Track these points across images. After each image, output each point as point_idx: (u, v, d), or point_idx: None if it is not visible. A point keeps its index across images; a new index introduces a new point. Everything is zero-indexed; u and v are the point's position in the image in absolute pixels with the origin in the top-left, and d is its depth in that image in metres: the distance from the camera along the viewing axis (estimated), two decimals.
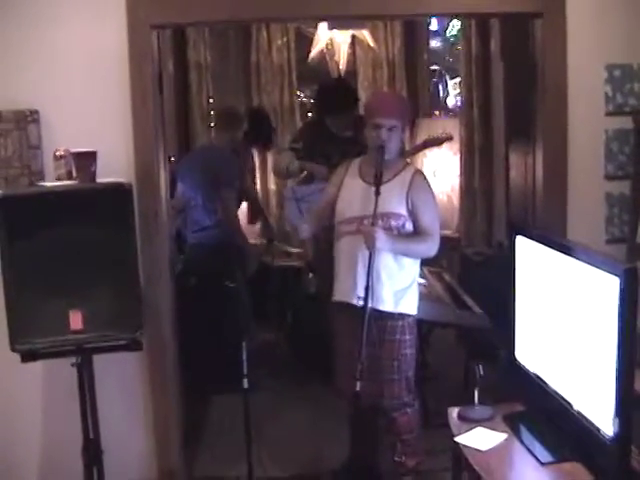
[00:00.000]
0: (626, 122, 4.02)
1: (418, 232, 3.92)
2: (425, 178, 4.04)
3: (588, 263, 2.77)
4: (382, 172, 3.80)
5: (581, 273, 2.81)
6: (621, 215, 4.11)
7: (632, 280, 2.55)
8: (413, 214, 3.90)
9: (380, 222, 3.81)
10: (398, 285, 3.91)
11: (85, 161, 3.57)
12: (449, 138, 6.34)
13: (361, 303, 3.73)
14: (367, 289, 3.70)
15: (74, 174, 3.63)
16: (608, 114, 4.08)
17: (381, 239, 3.73)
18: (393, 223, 3.87)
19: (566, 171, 4.06)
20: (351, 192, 4.00)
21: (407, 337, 3.97)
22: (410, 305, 3.98)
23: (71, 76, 3.93)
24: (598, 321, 2.69)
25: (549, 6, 3.95)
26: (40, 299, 3.38)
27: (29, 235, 3.36)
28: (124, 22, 3.89)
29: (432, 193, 4.05)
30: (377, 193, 3.75)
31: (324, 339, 4.37)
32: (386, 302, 3.89)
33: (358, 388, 3.63)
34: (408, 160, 4.87)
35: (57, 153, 3.72)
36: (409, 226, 3.90)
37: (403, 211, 3.89)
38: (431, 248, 3.93)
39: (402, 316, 3.94)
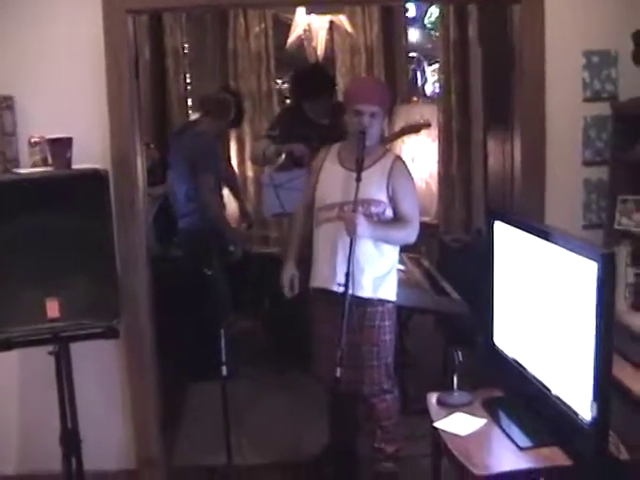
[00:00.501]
0: (604, 108, 4.03)
1: (398, 219, 3.91)
2: (405, 165, 4.03)
3: (566, 248, 2.78)
4: (363, 158, 3.79)
5: (559, 258, 2.82)
6: (599, 201, 4.12)
7: (609, 265, 2.56)
8: (393, 200, 3.89)
9: (360, 208, 3.79)
10: (377, 271, 3.90)
11: (60, 148, 3.54)
12: (427, 125, 6.32)
13: (342, 290, 3.72)
14: (347, 275, 3.69)
15: (49, 161, 3.61)
16: (586, 100, 4.08)
17: (362, 225, 3.72)
18: (373, 210, 3.86)
19: (544, 157, 4.06)
20: (331, 178, 3.98)
21: (386, 323, 3.96)
22: (389, 291, 3.98)
23: (46, 62, 3.90)
24: (576, 306, 2.70)
25: None
26: (16, 287, 3.36)
27: (4, 223, 3.33)
28: (99, 7, 3.86)
29: (412, 180, 4.04)
30: (358, 179, 3.74)
31: (302, 326, 4.36)
32: (365, 288, 3.88)
33: (339, 374, 3.63)
34: (387, 147, 4.85)
35: (32, 140, 3.69)
36: (389, 212, 3.89)
37: (383, 197, 3.88)
38: (411, 234, 3.93)
39: (381, 302, 3.94)
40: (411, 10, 8.27)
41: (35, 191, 3.38)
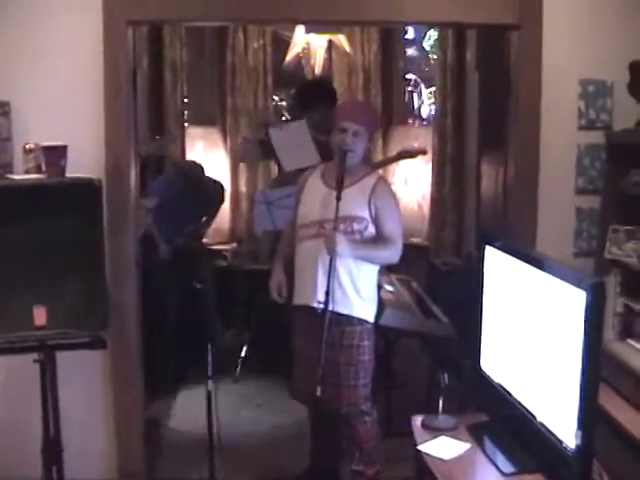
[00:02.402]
0: (598, 137, 4.05)
1: (381, 238, 3.90)
2: (388, 185, 4.05)
3: (555, 276, 2.78)
4: (344, 176, 3.79)
5: (548, 286, 2.82)
6: (590, 229, 4.14)
7: (598, 294, 2.57)
8: (376, 220, 3.89)
9: (342, 225, 3.80)
10: (359, 290, 3.90)
11: (55, 155, 3.54)
12: (423, 152, 6.32)
13: (321, 307, 3.72)
14: (327, 293, 3.69)
15: (43, 168, 3.60)
16: (581, 128, 4.11)
17: (341, 244, 3.71)
18: (355, 226, 3.86)
19: (537, 183, 4.08)
20: (313, 196, 3.99)
21: (365, 343, 3.95)
22: (370, 311, 3.97)
23: (44, 69, 3.90)
24: (564, 334, 2.70)
25: (526, 19, 3.97)
26: (4, 293, 3.34)
27: None
28: (100, 17, 3.87)
29: (395, 200, 4.05)
30: (338, 198, 3.74)
31: (289, 343, 4.35)
32: (347, 306, 3.87)
33: (319, 393, 3.61)
34: (380, 172, 4.85)
35: (27, 146, 3.68)
36: (372, 229, 3.89)
37: (365, 214, 3.87)
38: (394, 255, 3.91)
39: (361, 322, 3.93)
40: (410, 32, 8.29)
41: (27, 198, 3.37)
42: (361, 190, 3.91)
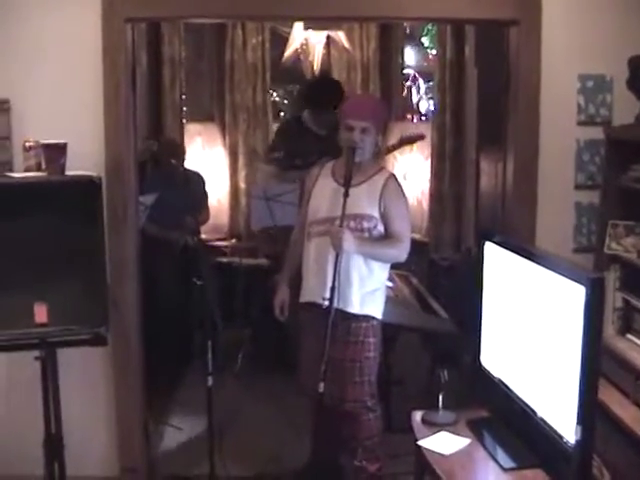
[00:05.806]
0: (598, 133, 4.04)
1: (389, 236, 3.90)
2: (399, 183, 4.01)
3: (555, 271, 2.79)
4: (352, 174, 3.78)
5: (548, 281, 2.83)
6: (589, 225, 4.14)
7: (598, 289, 2.58)
8: (384, 218, 3.88)
9: (352, 223, 3.79)
10: (367, 288, 3.90)
11: (55, 153, 3.54)
12: (422, 137, 6.32)
13: (327, 304, 3.72)
14: (332, 290, 3.68)
15: (43, 166, 3.60)
16: (580, 124, 4.11)
17: (348, 241, 3.70)
18: (365, 224, 3.85)
19: (536, 179, 4.08)
20: (323, 193, 3.97)
21: (371, 340, 3.95)
22: (376, 308, 3.97)
23: (44, 66, 3.91)
24: (563, 329, 2.71)
25: (525, 14, 3.97)
26: (5, 291, 3.35)
27: None
28: (99, 14, 3.87)
29: (405, 198, 4.02)
30: (346, 195, 3.73)
31: (289, 339, 4.36)
32: (353, 304, 3.87)
33: (322, 389, 3.62)
34: (382, 163, 4.84)
35: (27, 144, 3.69)
36: (381, 228, 3.88)
37: (375, 213, 3.87)
38: (401, 253, 3.91)
39: (367, 318, 3.93)
40: (408, 27, 8.27)
41: (27, 196, 3.38)
42: (372, 188, 3.90)
